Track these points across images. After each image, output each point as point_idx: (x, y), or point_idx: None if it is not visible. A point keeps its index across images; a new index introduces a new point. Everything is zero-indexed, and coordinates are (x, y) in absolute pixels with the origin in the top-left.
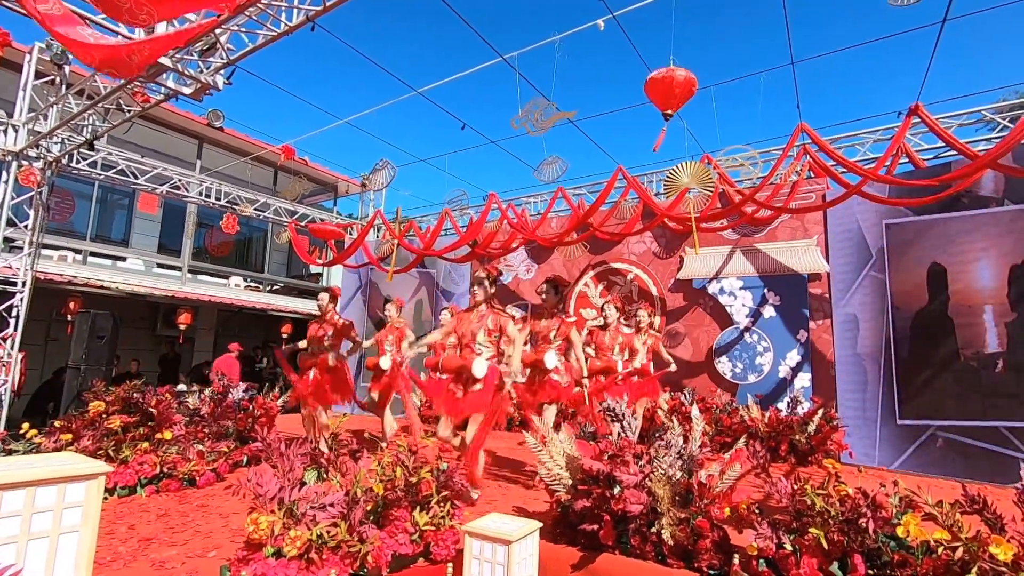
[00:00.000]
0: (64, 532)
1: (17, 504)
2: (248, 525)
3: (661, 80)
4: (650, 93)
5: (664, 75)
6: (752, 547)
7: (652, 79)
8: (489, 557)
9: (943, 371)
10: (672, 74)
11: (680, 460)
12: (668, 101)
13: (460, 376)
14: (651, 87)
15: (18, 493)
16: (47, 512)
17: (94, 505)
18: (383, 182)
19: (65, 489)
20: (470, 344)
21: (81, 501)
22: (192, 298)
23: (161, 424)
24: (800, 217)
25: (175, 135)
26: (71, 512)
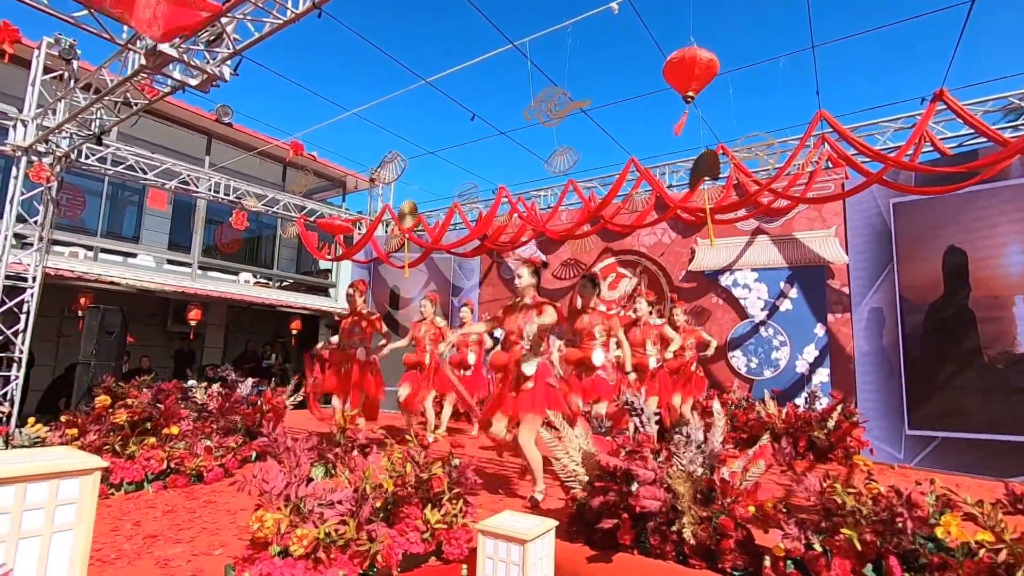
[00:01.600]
0: (57, 531)
1: (7, 501)
2: (253, 523)
3: (680, 61)
4: (669, 75)
5: (684, 56)
6: (779, 548)
7: (671, 61)
8: (504, 557)
9: (961, 374)
10: (692, 54)
11: (701, 456)
12: (688, 83)
13: (509, 374)
14: (670, 69)
15: (7, 489)
16: (38, 510)
17: (89, 502)
18: (393, 175)
19: (58, 485)
20: (517, 340)
21: (75, 498)
22: (202, 294)
23: (168, 419)
24: (818, 207)
25: (184, 131)
26: (64, 509)
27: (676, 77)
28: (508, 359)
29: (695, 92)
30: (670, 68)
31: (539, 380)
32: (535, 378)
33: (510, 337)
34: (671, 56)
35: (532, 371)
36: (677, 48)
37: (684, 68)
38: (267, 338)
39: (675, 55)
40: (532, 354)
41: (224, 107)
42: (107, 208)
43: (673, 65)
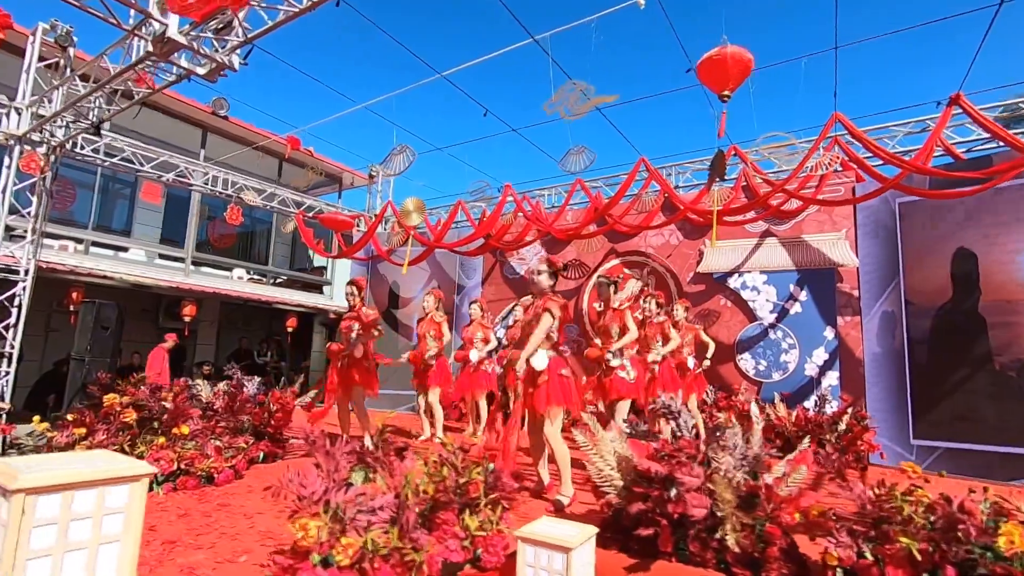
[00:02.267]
0: (104, 542)
1: (53, 510)
2: (296, 531)
3: (715, 60)
4: (704, 74)
5: (718, 54)
6: (832, 556)
7: (706, 60)
8: (545, 565)
9: (969, 381)
10: (727, 52)
11: (744, 462)
12: (725, 82)
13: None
14: (705, 68)
15: (54, 498)
16: (86, 519)
17: (137, 511)
18: (401, 167)
19: (106, 493)
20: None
21: (123, 507)
22: (197, 290)
23: (177, 418)
24: (828, 210)
25: (178, 123)
26: (112, 519)
27: (711, 76)
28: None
29: (731, 91)
30: (705, 67)
31: (552, 373)
32: (548, 371)
33: (524, 333)
34: (706, 55)
35: (543, 365)
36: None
37: (719, 67)
38: (260, 336)
39: (710, 54)
40: (542, 348)
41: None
42: (98, 201)
43: (708, 64)
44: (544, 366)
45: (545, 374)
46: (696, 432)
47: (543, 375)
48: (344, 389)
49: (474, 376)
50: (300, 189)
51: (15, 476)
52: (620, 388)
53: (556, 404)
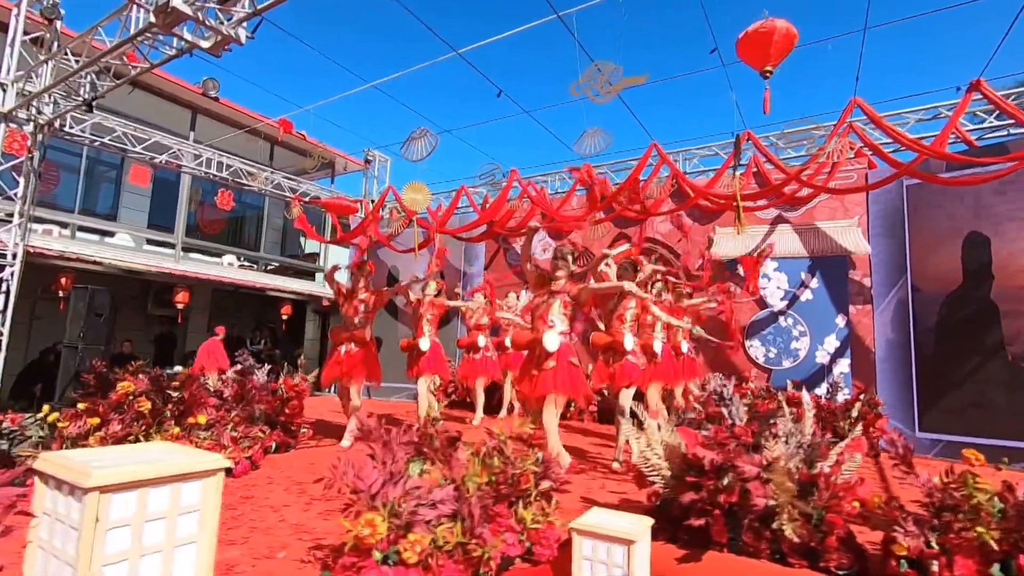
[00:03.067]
0: (179, 544)
1: (127, 510)
2: (362, 528)
3: (757, 34)
4: (744, 50)
5: (762, 28)
6: (901, 546)
7: (747, 34)
8: (604, 559)
9: (979, 374)
10: (771, 26)
11: (801, 450)
12: (767, 57)
13: (533, 352)
14: (746, 43)
15: (128, 496)
16: (159, 520)
17: (212, 509)
18: (422, 152)
19: (180, 490)
20: (543, 316)
21: (197, 504)
22: (190, 276)
23: (192, 407)
24: (840, 197)
25: (167, 104)
26: (186, 519)
27: (752, 51)
28: (532, 337)
29: (773, 66)
30: (746, 42)
31: (561, 358)
32: (557, 356)
33: (535, 312)
34: (747, 30)
35: (555, 347)
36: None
37: (761, 41)
38: (251, 323)
39: (751, 28)
40: (554, 332)
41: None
42: (83, 184)
43: (749, 38)
44: (555, 348)
45: (554, 358)
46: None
47: (551, 359)
48: (350, 375)
49: (476, 363)
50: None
51: (88, 473)
52: (631, 374)
53: (561, 392)
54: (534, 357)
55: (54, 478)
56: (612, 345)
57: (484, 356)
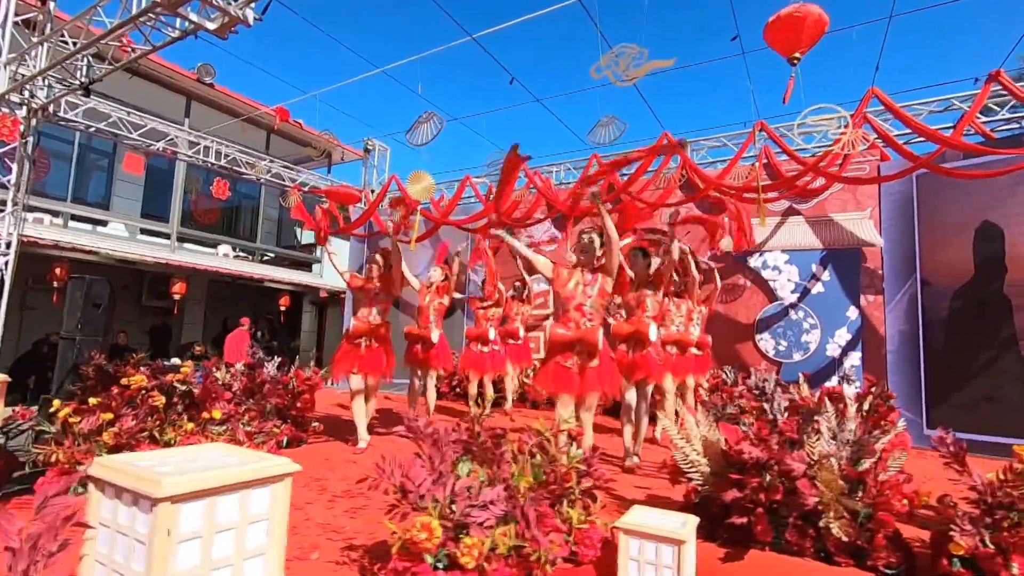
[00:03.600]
0: (249, 556)
1: (196, 521)
2: (419, 532)
3: (788, 18)
4: (773, 35)
5: (792, 12)
6: (958, 545)
7: (777, 18)
8: (652, 559)
9: (990, 369)
10: (802, 11)
11: (848, 446)
12: (796, 44)
13: (571, 349)
14: (775, 28)
15: (198, 506)
16: (229, 531)
17: (280, 518)
18: (427, 137)
19: (249, 497)
20: (580, 308)
21: (265, 513)
22: (187, 267)
23: (207, 401)
24: (852, 189)
25: (161, 90)
26: (255, 529)
27: (781, 37)
28: (577, 334)
29: (802, 53)
30: (775, 27)
31: (603, 356)
32: (600, 353)
33: (567, 305)
34: (778, 14)
35: (601, 346)
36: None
37: (791, 27)
38: (247, 314)
39: (781, 13)
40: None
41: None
42: (75, 172)
43: (778, 24)
44: (601, 347)
45: (598, 356)
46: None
47: (595, 358)
48: (368, 371)
49: (483, 356)
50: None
51: (158, 481)
52: (650, 367)
53: (608, 389)
54: (573, 355)
55: (113, 485)
56: (634, 335)
57: (492, 349)
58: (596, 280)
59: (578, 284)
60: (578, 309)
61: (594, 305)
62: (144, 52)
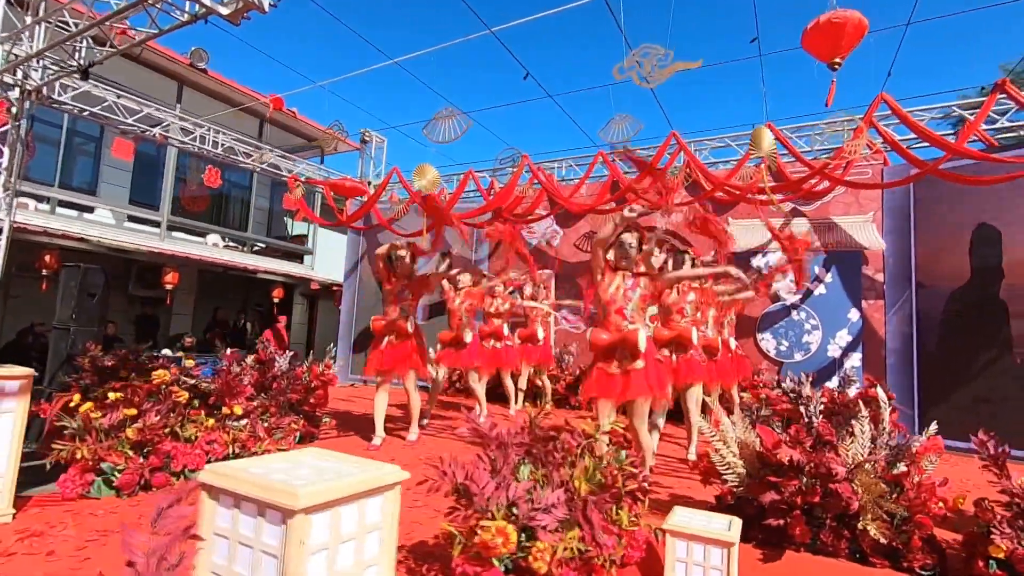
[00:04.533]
0: (366, 567)
1: (324, 532)
2: (494, 537)
3: (827, 25)
4: (811, 42)
5: (830, 19)
6: (999, 548)
7: (816, 25)
8: (700, 561)
9: (982, 376)
10: (841, 16)
11: (887, 450)
12: (836, 49)
13: (612, 352)
14: (814, 34)
15: (325, 516)
16: (349, 541)
17: (391, 527)
18: (449, 135)
19: (366, 506)
20: (621, 311)
21: (379, 522)
22: (179, 256)
23: (227, 395)
24: (855, 192)
25: (153, 74)
26: (371, 538)
27: (820, 43)
28: (618, 337)
29: (842, 58)
30: (813, 34)
31: (649, 357)
32: (645, 355)
33: (608, 308)
34: (814, 21)
35: (644, 347)
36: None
37: (831, 33)
38: (237, 306)
39: (819, 20)
40: (641, 326)
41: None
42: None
43: (817, 30)
44: (644, 349)
45: (642, 358)
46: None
47: (639, 359)
48: (393, 369)
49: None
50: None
51: (295, 492)
52: (695, 372)
53: (656, 393)
54: (615, 358)
55: (232, 494)
56: (676, 340)
57: (505, 345)
58: (637, 284)
59: (619, 288)
60: (619, 313)
61: (635, 308)
62: (151, 35)
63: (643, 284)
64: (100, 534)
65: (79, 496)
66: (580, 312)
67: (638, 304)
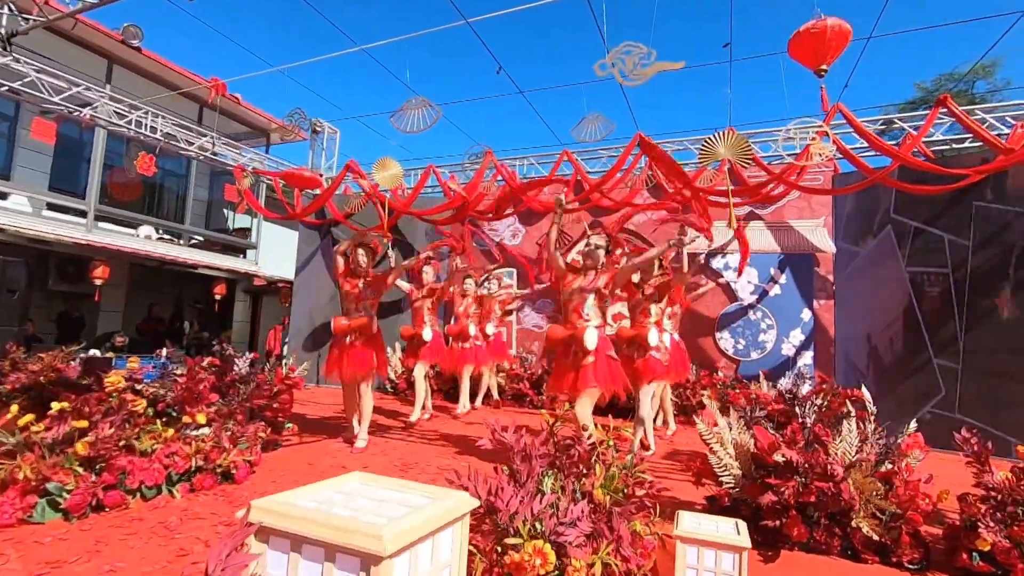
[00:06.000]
0: None
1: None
2: (531, 557)
3: (813, 33)
4: (797, 50)
5: (815, 27)
6: (985, 541)
7: (801, 34)
8: (711, 566)
9: (920, 373)
10: (825, 25)
11: (875, 447)
12: (822, 56)
13: (568, 348)
14: (799, 43)
15: (403, 559)
16: None
17: (461, 563)
18: (418, 125)
19: (439, 542)
20: (578, 311)
21: (449, 559)
22: (111, 248)
23: (188, 403)
24: (807, 197)
25: (80, 50)
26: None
27: (806, 51)
28: (569, 333)
29: (828, 65)
30: (799, 42)
31: (599, 354)
32: (596, 352)
33: (567, 307)
34: (801, 29)
35: (594, 344)
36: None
37: (817, 41)
38: (173, 302)
39: (805, 28)
40: (592, 326)
41: (132, 27)
42: None
43: (803, 38)
44: (594, 345)
45: (592, 354)
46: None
47: (589, 355)
48: (356, 371)
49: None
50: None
51: (378, 534)
52: (655, 370)
53: (602, 386)
54: (570, 354)
55: (291, 536)
56: (635, 339)
57: (473, 344)
58: (595, 283)
59: (579, 289)
60: (576, 311)
61: (591, 307)
62: (91, 6)
63: (601, 282)
64: (51, 566)
65: (19, 522)
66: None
67: (594, 302)
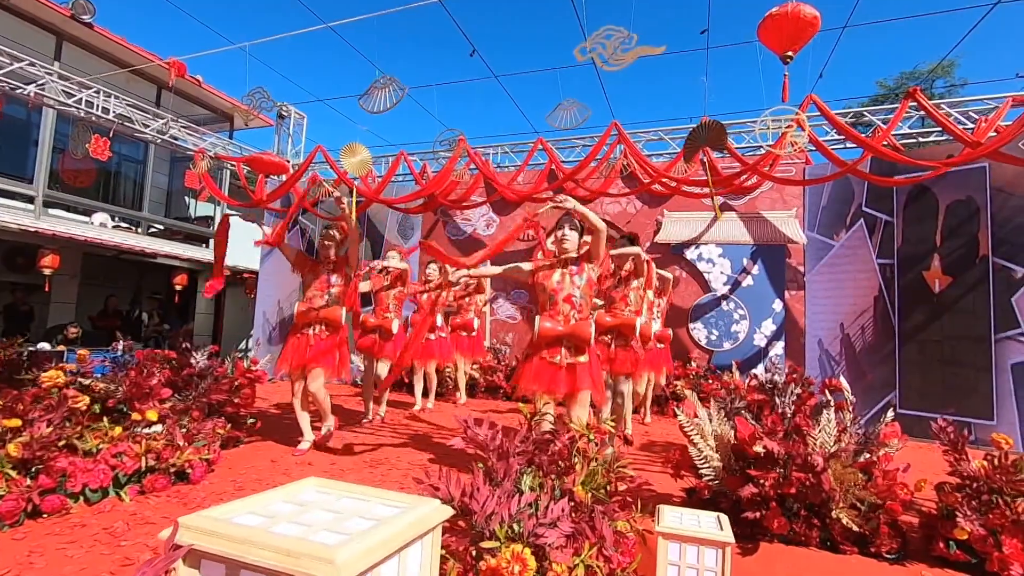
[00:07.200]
0: None
1: None
2: (510, 563)
3: (782, 17)
4: (766, 33)
5: (785, 12)
6: (963, 530)
7: (771, 16)
8: (694, 563)
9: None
10: (795, 10)
11: (854, 437)
12: (790, 42)
13: (558, 344)
14: (769, 26)
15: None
16: None
17: None
18: (384, 104)
19: (406, 559)
20: (569, 299)
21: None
22: (61, 236)
23: (137, 399)
24: (780, 188)
25: (24, 25)
26: None
27: (774, 35)
28: (568, 330)
29: (794, 52)
30: (768, 25)
31: (591, 352)
32: (590, 350)
33: (553, 298)
34: (770, 12)
35: (592, 340)
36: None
37: (785, 26)
38: (129, 292)
39: (775, 12)
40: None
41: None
42: None
43: (773, 21)
44: (592, 342)
45: (587, 352)
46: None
47: (585, 352)
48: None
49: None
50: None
51: (330, 557)
52: (630, 361)
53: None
54: (560, 349)
55: (226, 560)
56: (617, 328)
57: (439, 337)
58: (583, 270)
59: (564, 275)
60: (567, 300)
61: (583, 296)
62: None
63: (588, 270)
64: None
65: None
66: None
67: (585, 291)
